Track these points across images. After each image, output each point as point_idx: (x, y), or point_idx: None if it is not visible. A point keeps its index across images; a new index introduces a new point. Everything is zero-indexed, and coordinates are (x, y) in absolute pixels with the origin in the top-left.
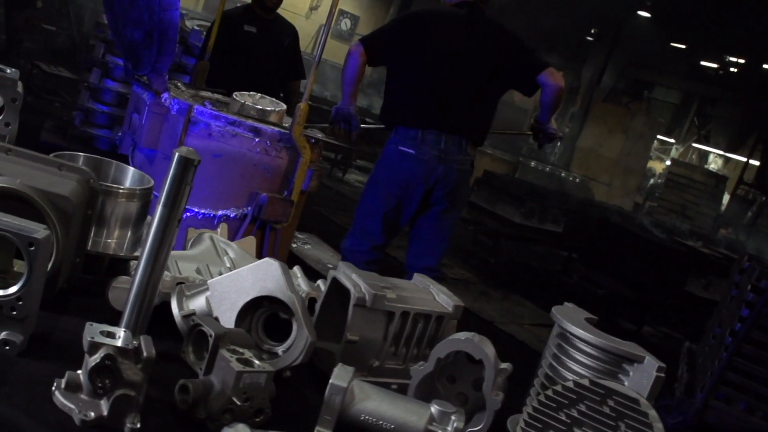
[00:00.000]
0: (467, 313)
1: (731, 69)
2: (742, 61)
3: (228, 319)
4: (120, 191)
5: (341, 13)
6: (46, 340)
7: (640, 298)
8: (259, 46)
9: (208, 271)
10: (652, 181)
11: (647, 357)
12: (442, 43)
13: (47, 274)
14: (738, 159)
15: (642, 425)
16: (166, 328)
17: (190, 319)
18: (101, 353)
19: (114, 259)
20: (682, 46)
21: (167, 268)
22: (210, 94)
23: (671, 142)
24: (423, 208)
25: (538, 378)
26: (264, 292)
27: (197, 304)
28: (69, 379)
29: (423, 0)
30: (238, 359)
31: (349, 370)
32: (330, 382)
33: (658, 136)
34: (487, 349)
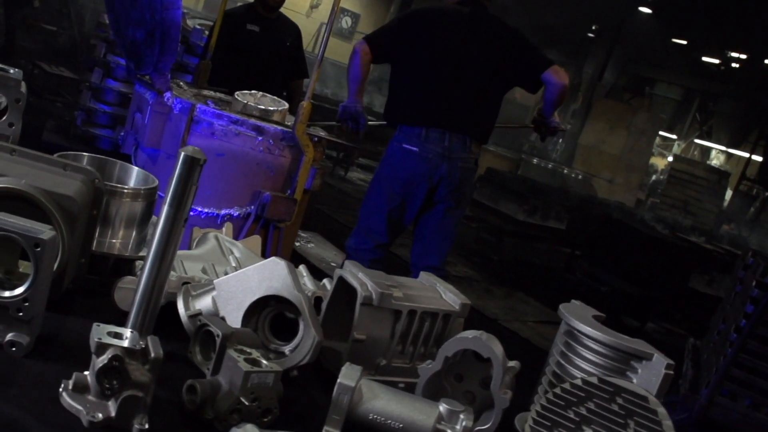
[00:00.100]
0: (471, 311)
1: (733, 64)
2: (744, 56)
3: (234, 318)
4: (125, 191)
5: (342, 11)
6: (53, 341)
7: (644, 294)
8: (261, 45)
9: (214, 270)
10: (654, 178)
11: (656, 354)
12: (446, 40)
13: (53, 274)
14: (740, 155)
15: (651, 423)
16: (173, 328)
17: (197, 319)
18: (109, 354)
19: (119, 259)
20: (684, 42)
21: (173, 268)
22: (212, 93)
23: (673, 138)
24: (427, 207)
25: (546, 376)
26: (270, 292)
27: (203, 303)
28: (76, 380)
29: None
30: (245, 359)
31: (356, 369)
32: (338, 381)
33: (660, 132)
34: (495, 347)
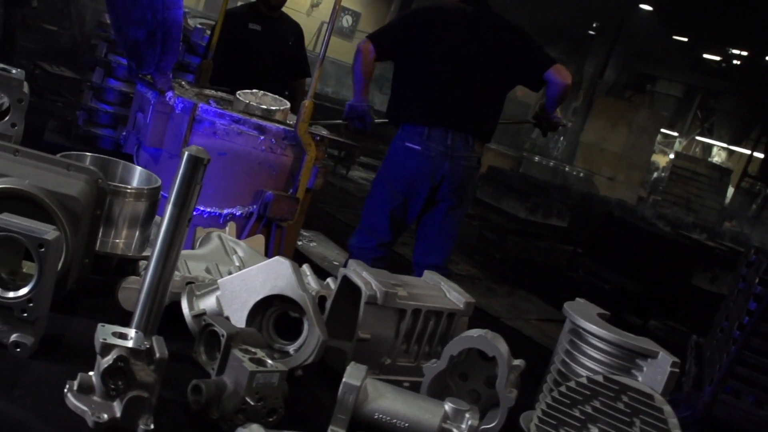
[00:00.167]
0: (474, 309)
1: (734, 61)
2: (745, 53)
3: (239, 318)
4: (128, 191)
5: (342, 9)
6: (57, 341)
7: (646, 292)
8: (263, 44)
9: (218, 270)
10: (655, 175)
11: (661, 352)
12: (449, 39)
13: (57, 275)
14: (742, 152)
15: (657, 421)
16: (177, 328)
17: (201, 319)
18: (114, 355)
19: (122, 259)
20: (685, 39)
21: (176, 267)
22: (214, 93)
23: (674, 135)
24: (429, 205)
25: (551, 374)
26: (275, 291)
27: (208, 303)
28: (81, 381)
29: None
30: (250, 359)
31: (361, 368)
32: (343, 380)
33: (661, 130)
34: (501, 346)
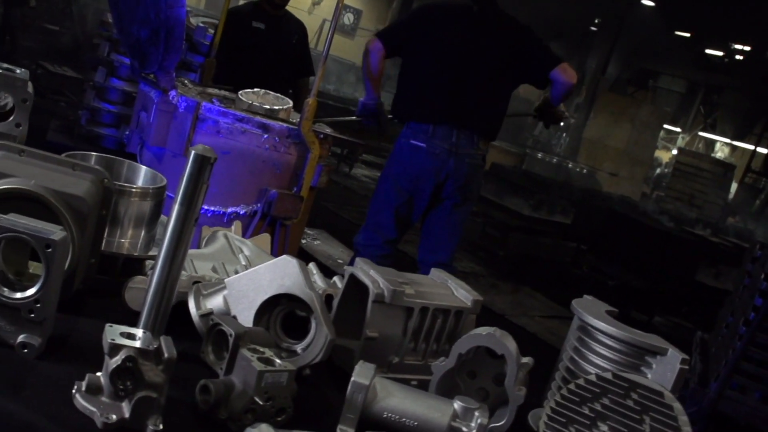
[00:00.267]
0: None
1: (737, 57)
2: (748, 48)
3: (246, 317)
4: (133, 190)
5: (344, 7)
6: (64, 342)
7: (651, 288)
8: (267, 42)
9: (224, 269)
10: (658, 171)
11: (670, 349)
12: (455, 37)
13: (64, 275)
14: (745, 147)
15: (667, 418)
16: (184, 327)
17: (209, 319)
18: (122, 355)
19: (128, 259)
20: (687, 35)
21: (183, 267)
22: (217, 91)
23: (677, 131)
24: (434, 203)
25: (559, 372)
26: (282, 290)
27: (215, 303)
28: (89, 382)
29: None
30: (259, 358)
31: (370, 367)
32: (352, 379)
33: (664, 126)
34: (509, 344)
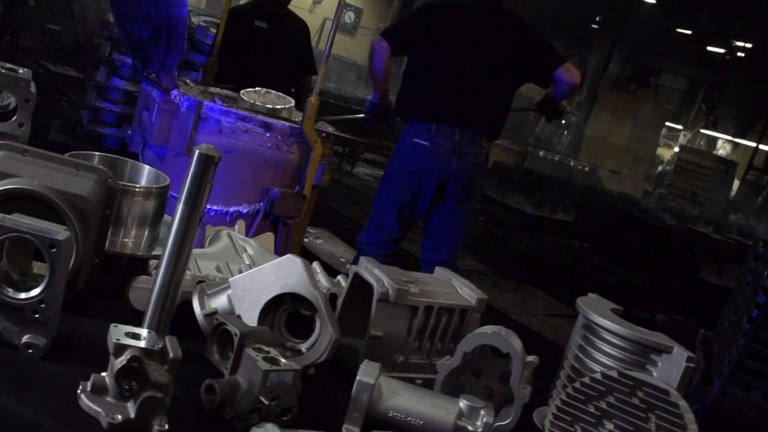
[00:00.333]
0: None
1: (738, 54)
2: (749, 45)
3: (250, 317)
4: (137, 190)
5: (345, 5)
6: (69, 342)
7: (653, 285)
8: (270, 41)
9: (228, 268)
10: (660, 168)
11: (676, 347)
12: (458, 35)
13: (68, 275)
14: (747, 144)
15: (673, 416)
16: (188, 327)
17: (214, 318)
18: (127, 355)
19: (132, 258)
20: (688, 32)
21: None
22: (219, 90)
23: (679, 128)
24: (437, 201)
25: (564, 370)
26: (287, 289)
27: (219, 302)
28: (94, 382)
29: None
30: (264, 358)
31: (375, 366)
32: (357, 378)
33: (665, 123)
34: (515, 342)
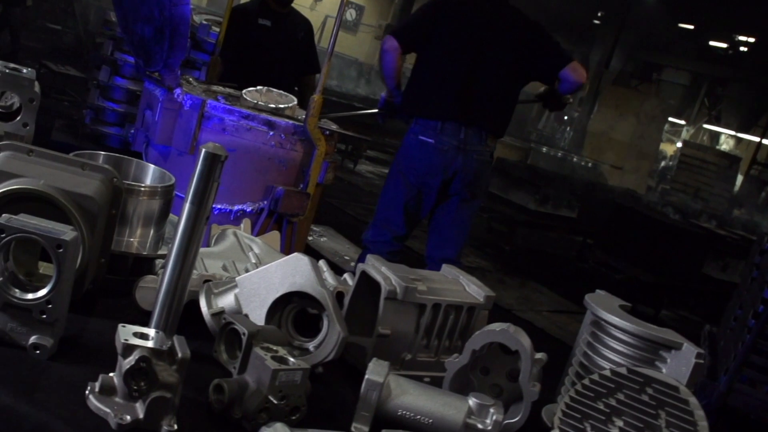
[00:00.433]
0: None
1: (741, 48)
2: (752, 40)
3: (258, 316)
4: (142, 189)
5: (346, 3)
6: (76, 342)
7: (658, 281)
8: (273, 39)
9: (234, 267)
10: (663, 164)
11: (685, 343)
12: (465, 33)
13: (74, 275)
14: (750, 139)
15: (683, 413)
16: (195, 327)
17: (221, 318)
18: (136, 355)
19: (138, 258)
20: (691, 27)
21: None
22: (222, 89)
23: (682, 123)
24: (442, 199)
25: (572, 367)
26: (294, 288)
27: (226, 301)
28: (103, 383)
29: None
30: (272, 357)
31: (384, 364)
32: (366, 377)
33: (668, 118)
34: (523, 339)
